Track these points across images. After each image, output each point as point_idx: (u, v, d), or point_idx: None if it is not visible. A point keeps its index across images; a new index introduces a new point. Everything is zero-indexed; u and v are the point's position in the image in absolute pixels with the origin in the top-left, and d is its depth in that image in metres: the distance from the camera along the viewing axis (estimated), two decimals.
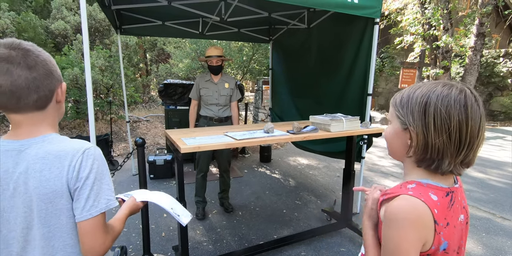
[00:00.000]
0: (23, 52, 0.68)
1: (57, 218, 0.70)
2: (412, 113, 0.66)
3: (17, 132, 0.72)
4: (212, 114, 2.81)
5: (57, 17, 7.02)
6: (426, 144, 0.64)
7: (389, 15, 9.59)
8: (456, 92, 0.63)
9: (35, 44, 0.73)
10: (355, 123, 2.13)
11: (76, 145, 0.73)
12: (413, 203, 0.62)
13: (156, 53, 10.96)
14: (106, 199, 0.73)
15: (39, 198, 0.68)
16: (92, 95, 1.84)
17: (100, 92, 6.05)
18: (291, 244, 2.38)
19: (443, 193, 0.66)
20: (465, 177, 4.16)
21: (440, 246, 0.64)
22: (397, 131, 0.70)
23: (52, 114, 0.77)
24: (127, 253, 2.18)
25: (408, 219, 0.61)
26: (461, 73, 9.00)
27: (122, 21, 3.63)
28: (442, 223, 0.63)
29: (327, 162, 4.73)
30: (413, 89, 0.68)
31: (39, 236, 0.70)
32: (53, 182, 0.68)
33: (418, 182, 0.67)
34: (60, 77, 0.77)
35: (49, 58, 0.74)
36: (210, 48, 2.76)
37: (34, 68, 0.68)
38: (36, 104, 0.71)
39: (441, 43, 7.86)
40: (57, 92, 0.75)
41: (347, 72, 2.94)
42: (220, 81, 2.80)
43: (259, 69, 8.00)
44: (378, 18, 2.56)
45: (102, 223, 0.73)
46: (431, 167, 0.66)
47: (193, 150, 1.59)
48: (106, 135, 4.28)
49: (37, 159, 0.69)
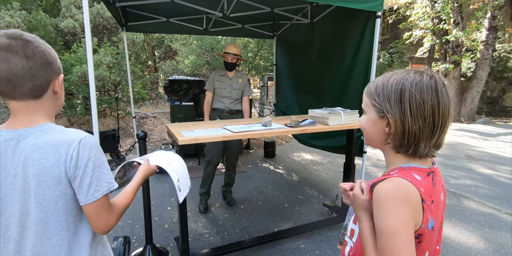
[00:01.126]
0: (22, 42, 0.72)
1: (55, 203, 0.74)
2: (389, 100, 0.68)
3: (15, 120, 0.76)
4: (223, 107, 2.96)
5: (66, 15, 7.16)
6: (403, 130, 0.66)
7: (398, 10, 9.43)
8: (427, 78, 0.66)
9: (37, 37, 0.76)
10: (353, 116, 2.14)
11: (71, 135, 0.76)
12: (400, 182, 0.64)
13: (164, 50, 11.07)
14: (107, 182, 0.78)
15: (38, 185, 0.72)
16: (99, 91, 1.89)
17: (108, 89, 6.17)
18: (291, 237, 2.41)
19: (425, 173, 0.68)
20: (473, 174, 4.10)
21: (428, 224, 0.66)
22: (373, 120, 0.72)
23: (49, 104, 0.79)
24: (131, 243, 2.25)
25: (397, 198, 0.63)
26: (472, 68, 8.80)
27: (127, 18, 3.69)
28: (428, 201, 0.65)
29: (332, 158, 4.73)
30: (386, 77, 0.70)
31: (35, 222, 0.74)
32: (51, 169, 0.72)
33: (400, 167, 0.70)
34: (59, 69, 0.79)
35: (48, 49, 0.76)
36: (229, 45, 2.95)
37: (31, 58, 0.72)
38: (31, 92, 0.74)
39: (451, 37, 7.69)
40: (54, 82, 0.78)
41: (349, 66, 2.93)
42: (234, 76, 2.99)
43: (264, 65, 8.01)
44: (380, 12, 2.54)
45: (105, 204, 0.79)
46: (409, 152, 0.68)
47: (191, 142, 1.63)
48: (113, 130, 4.38)
49: (35, 148, 0.72)
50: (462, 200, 3.25)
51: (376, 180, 0.69)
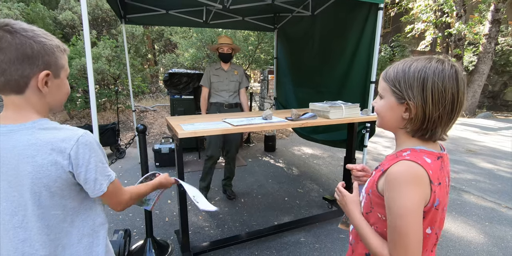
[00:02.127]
0: (1, 33, 0.66)
1: (51, 199, 0.73)
2: (411, 88, 0.69)
3: (5, 114, 0.73)
4: (222, 100, 2.91)
5: (64, 7, 7.07)
6: (424, 116, 0.69)
7: (400, 2, 9.30)
8: (448, 67, 0.68)
9: (33, 27, 0.71)
10: (355, 110, 2.12)
11: (68, 132, 0.74)
12: (410, 166, 0.67)
13: (163, 43, 10.97)
14: (107, 175, 0.80)
15: (33, 182, 0.70)
16: (99, 85, 1.88)
17: (107, 82, 6.13)
18: (291, 230, 2.42)
19: (435, 156, 0.72)
20: (474, 168, 4.10)
21: (434, 204, 0.70)
22: (391, 105, 0.74)
23: (36, 101, 0.73)
24: (131, 236, 2.26)
25: (408, 181, 0.66)
26: (474, 62, 8.72)
27: (126, 10, 3.63)
28: (436, 182, 0.69)
29: (332, 152, 4.72)
30: (407, 64, 0.72)
31: (35, 218, 0.73)
32: (46, 167, 0.70)
33: (412, 149, 0.73)
34: (46, 65, 0.72)
35: (33, 43, 0.69)
36: (222, 36, 2.89)
37: (2, 50, 0.66)
38: (7, 86, 0.70)
39: (453, 30, 7.60)
40: (36, 79, 0.71)
41: (349, 60, 2.90)
42: (229, 69, 2.93)
43: (265, 58, 7.94)
44: (382, 4, 2.49)
45: (113, 190, 0.82)
46: (425, 136, 0.72)
47: (190, 135, 1.61)
48: (113, 124, 4.36)
49: (28, 145, 0.70)
50: (462, 194, 3.26)
51: (389, 165, 0.71)
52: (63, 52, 0.77)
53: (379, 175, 0.75)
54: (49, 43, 0.72)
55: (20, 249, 0.75)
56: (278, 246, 2.24)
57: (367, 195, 0.81)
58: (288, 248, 2.22)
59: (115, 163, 3.89)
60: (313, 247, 2.24)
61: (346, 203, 0.86)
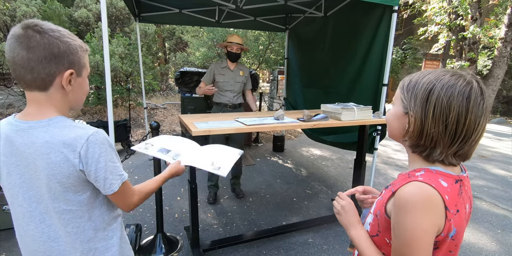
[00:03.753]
0: (31, 33, 0.70)
1: (64, 195, 0.76)
2: (415, 98, 0.65)
3: (28, 111, 0.76)
4: (226, 101, 2.86)
5: (80, 5, 7.21)
6: (421, 130, 0.64)
7: (413, 4, 9.18)
8: (462, 84, 0.61)
9: (59, 27, 0.74)
10: (367, 112, 2.11)
11: (79, 131, 0.75)
12: (423, 188, 0.61)
13: (174, 41, 11.07)
14: (119, 175, 0.80)
15: (48, 178, 0.74)
16: (111, 81, 1.92)
17: (119, 79, 6.22)
18: (299, 231, 2.42)
19: (452, 180, 0.65)
20: (486, 174, 4.03)
21: (450, 234, 0.63)
22: (398, 114, 0.70)
23: (59, 98, 0.76)
24: (142, 231, 2.30)
25: (420, 204, 0.60)
26: (489, 66, 8.56)
27: (140, 9, 3.69)
28: (452, 209, 0.62)
29: (341, 154, 4.70)
30: (423, 74, 0.67)
31: (53, 209, 0.77)
32: (59, 165, 0.73)
33: (427, 169, 0.66)
34: (70, 64, 0.75)
35: (60, 43, 0.72)
36: (233, 35, 2.81)
37: (31, 49, 0.69)
38: (34, 84, 0.73)
39: (468, 33, 7.47)
40: (60, 77, 0.74)
41: (360, 62, 2.88)
42: (236, 68, 2.87)
43: (275, 58, 7.94)
44: (396, 6, 2.47)
45: (124, 191, 0.83)
46: (423, 154, 0.66)
47: (204, 133, 1.63)
48: (125, 120, 4.43)
49: (43, 142, 0.73)
50: (474, 200, 3.19)
51: (400, 186, 0.66)
52: (85, 52, 0.80)
53: (389, 196, 0.69)
54: (73, 43, 0.75)
55: (46, 233, 0.79)
56: (286, 246, 2.25)
57: (374, 217, 0.74)
58: (296, 248, 2.23)
59: (126, 159, 3.95)
60: (321, 248, 2.24)
61: (351, 214, 0.81)
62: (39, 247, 0.79)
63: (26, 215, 0.78)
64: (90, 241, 0.82)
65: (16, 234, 0.83)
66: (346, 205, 0.83)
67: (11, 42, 0.70)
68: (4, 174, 0.77)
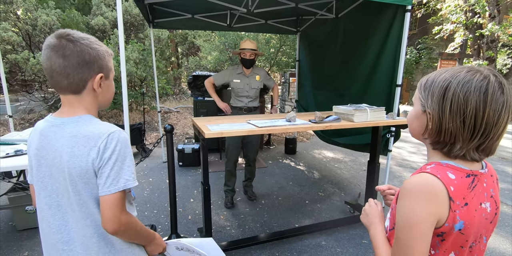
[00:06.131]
0: (64, 42, 0.77)
1: (84, 189, 0.80)
2: (432, 96, 0.67)
3: (62, 110, 0.84)
4: (242, 105, 2.90)
5: (96, 13, 7.45)
6: (439, 127, 0.65)
7: (428, 3, 9.01)
8: (479, 78, 0.62)
9: (88, 35, 0.80)
10: (380, 113, 2.09)
11: (103, 128, 0.81)
12: (427, 179, 0.63)
13: (187, 46, 11.26)
14: (125, 179, 0.80)
15: (69, 171, 0.78)
16: (126, 86, 1.99)
17: (134, 84, 6.38)
18: (312, 233, 2.41)
19: (463, 174, 0.66)
20: (507, 177, 3.89)
21: (455, 225, 0.63)
22: (417, 113, 0.72)
23: (90, 100, 0.84)
24: (156, 232, 2.34)
25: (421, 192, 0.62)
26: (509, 65, 8.27)
27: (154, 15, 3.79)
28: (459, 201, 0.63)
29: (354, 156, 4.64)
30: (439, 73, 0.68)
31: (75, 202, 0.81)
32: (80, 159, 0.78)
33: (438, 163, 0.68)
34: (100, 68, 0.82)
35: (90, 50, 0.79)
36: (245, 41, 2.79)
37: (67, 57, 0.77)
38: (69, 88, 0.80)
39: (486, 31, 7.25)
40: (92, 81, 0.81)
41: (373, 63, 2.85)
42: (251, 74, 2.86)
43: (286, 61, 7.94)
44: (410, 6, 2.44)
45: (120, 200, 0.79)
46: (444, 150, 0.67)
47: (216, 136, 1.66)
48: (139, 124, 4.54)
49: (70, 136, 0.79)
50: None
51: None
52: (110, 56, 0.87)
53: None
54: (101, 49, 0.83)
55: (68, 224, 0.83)
56: (299, 248, 2.24)
57: (391, 210, 0.77)
58: (309, 250, 2.22)
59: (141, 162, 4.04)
60: (334, 251, 2.22)
61: (374, 215, 0.83)
62: (62, 237, 0.83)
63: (53, 206, 0.83)
64: (107, 237, 0.85)
65: (39, 227, 0.88)
66: (367, 209, 0.87)
67: (47, 51, 0.77)
68: (35, 166, 0.84)
